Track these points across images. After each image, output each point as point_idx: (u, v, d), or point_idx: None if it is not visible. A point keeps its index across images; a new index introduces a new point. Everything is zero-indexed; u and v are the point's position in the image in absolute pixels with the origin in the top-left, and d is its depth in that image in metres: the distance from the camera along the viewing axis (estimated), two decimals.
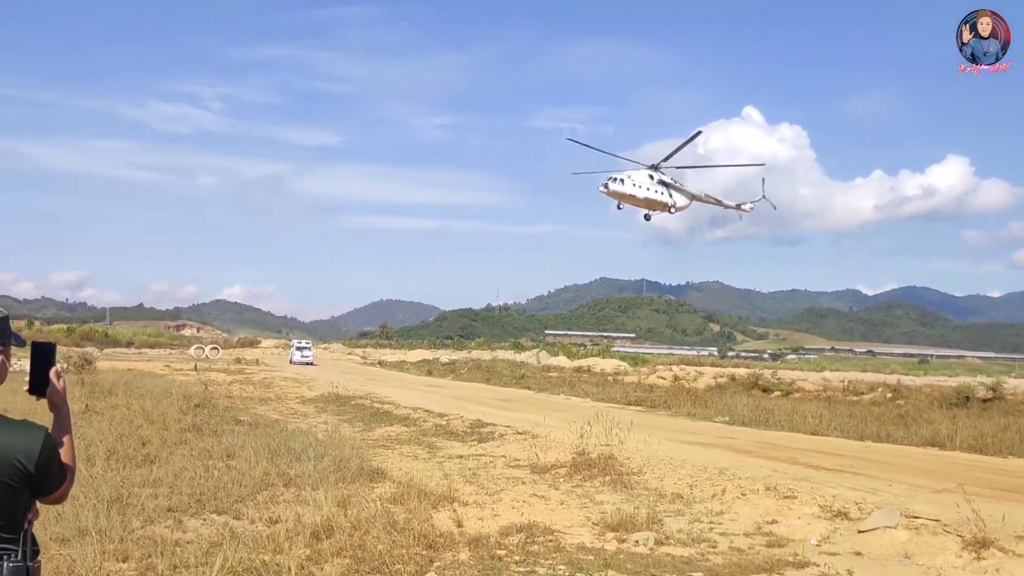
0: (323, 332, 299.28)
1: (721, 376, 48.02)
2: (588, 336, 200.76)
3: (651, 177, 42.45)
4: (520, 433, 19.28)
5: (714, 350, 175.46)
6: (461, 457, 16.53)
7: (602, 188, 41.26)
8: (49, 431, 2.97)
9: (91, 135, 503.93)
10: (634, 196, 41.94)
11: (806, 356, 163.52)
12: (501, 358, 79.17)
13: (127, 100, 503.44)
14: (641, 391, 37.69)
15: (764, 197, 48.80)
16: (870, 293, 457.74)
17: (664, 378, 48.75)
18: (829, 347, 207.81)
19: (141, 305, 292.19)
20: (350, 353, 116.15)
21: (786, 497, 11.58)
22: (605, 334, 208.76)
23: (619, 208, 42.80)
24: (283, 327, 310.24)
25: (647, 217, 43.94)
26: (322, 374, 48.29)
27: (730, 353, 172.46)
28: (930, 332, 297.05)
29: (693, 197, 45.17)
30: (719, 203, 48.21)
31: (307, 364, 67.97)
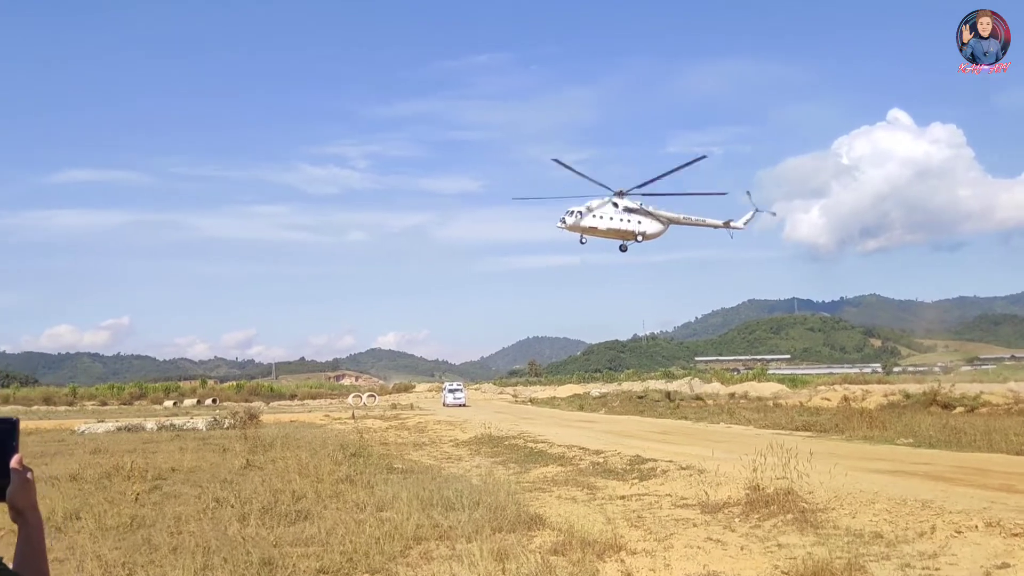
0: (474, 373, 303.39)
1: (892, 393, 44.85)
2: (740, 360, 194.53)
3: (615, 205, 39.56)
4: (684, 468, 17.98)
5: (878, 366, 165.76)
6: (623, 498, 15.40)
7: (560, 224, 38.82)
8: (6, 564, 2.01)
9: (250, 203, 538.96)
10: (596, 228, 39.26)
11: (983, 367, 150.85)
12: (653, 388, 77.31)
13: (281, 167, 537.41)
14: (807, 415, 35.50)
15: (757, 210, 45.06)
16: None
17: (829, 399, 45.99)
18: (1008, 355, 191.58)
19: (303, 358, 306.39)
20: (501, 392, 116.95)
21: (1015, 535, 9.80)
22: (758, 357, 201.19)
23: (582, 243, 40.03)
24: (435, 371, 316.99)
25: (622, 248, 40.96)
26: (474, 415, 48.24)
27: (896, 369, 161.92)
28: None
29: (670, 221, 41.70)
30: (703, 223, 44.12)
31: (459, 406, 68.51)
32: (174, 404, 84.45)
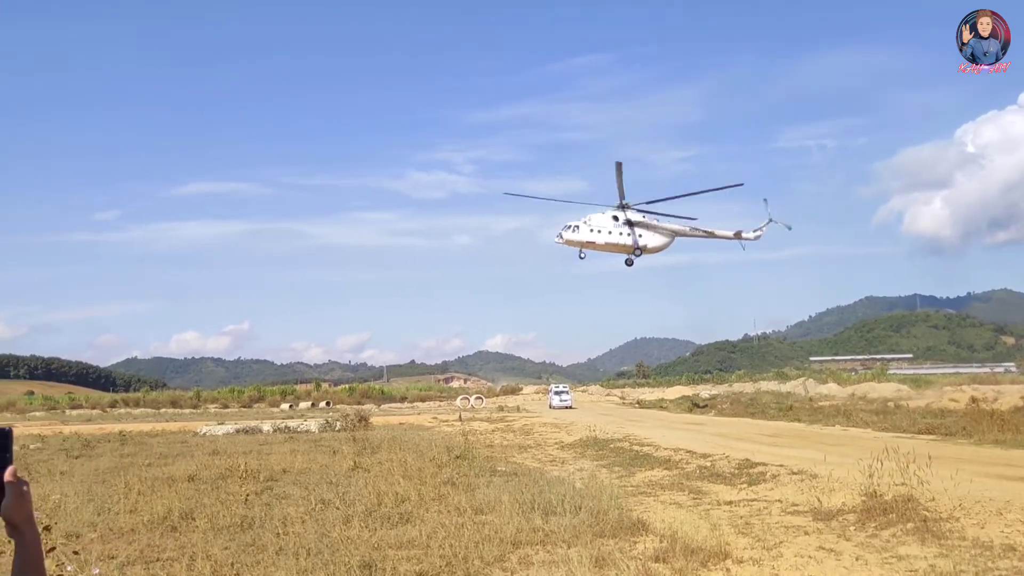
0: (581, 375, 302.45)
1: None
2: (858, 360, 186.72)
3: (615, 218, 38.42)
4: (795, 473, 17.29)
5: (1011, 366, 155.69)
6: (730, 503, 14.91)
7: (557, 239, 38.16)
8: None
9: (360, 209, 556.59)
10: (593, 242, 38.20)
11: None
12: (765, 390, 75.24)
13: (389, 175, 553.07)
14: (931, 417, 33.76)
15: (771, 220, 42.23)
16: None
17: (957, 400, 43.58)
18: None
19: (413, 361, 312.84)
20: (608, 394, 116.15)
21: None
22: (877, 356, 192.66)
23: (581, 257, 38.79)
24: (542, 373, 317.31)
25: (628, 262, 39.33)
26: (581, 417, 47.96)
27: None
28: None
29: (675, 234, 40.09)
30: (711, 235, 41.79)
31: (566, 408, 68.35)
32: (290, 407, 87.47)
